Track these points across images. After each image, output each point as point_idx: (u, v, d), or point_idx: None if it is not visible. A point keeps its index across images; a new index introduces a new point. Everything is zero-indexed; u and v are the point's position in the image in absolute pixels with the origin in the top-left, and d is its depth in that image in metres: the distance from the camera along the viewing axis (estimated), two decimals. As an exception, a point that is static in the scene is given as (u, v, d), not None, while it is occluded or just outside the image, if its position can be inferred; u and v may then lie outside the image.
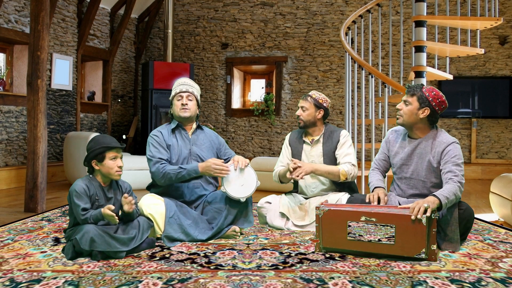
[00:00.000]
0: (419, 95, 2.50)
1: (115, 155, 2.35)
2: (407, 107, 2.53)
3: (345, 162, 2.87)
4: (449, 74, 4.82)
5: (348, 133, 3.02)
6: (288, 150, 3.09)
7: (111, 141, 2.37)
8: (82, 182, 2.32)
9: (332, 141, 2.97)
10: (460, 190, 2.34)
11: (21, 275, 1.95)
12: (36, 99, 3.59)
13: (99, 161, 2.33)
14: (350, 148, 2.94)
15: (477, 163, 7.00)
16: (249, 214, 2.70)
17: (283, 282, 1.86)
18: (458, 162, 2.41)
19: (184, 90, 2.77)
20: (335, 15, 7.44)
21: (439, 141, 2.50)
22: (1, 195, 4.49)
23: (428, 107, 2.49)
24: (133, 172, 4.87)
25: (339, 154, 2.92)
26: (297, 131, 3.14)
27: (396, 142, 2.70)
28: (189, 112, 2.76)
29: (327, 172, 2.84)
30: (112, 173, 2.35)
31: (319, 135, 3.00)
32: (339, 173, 2.82)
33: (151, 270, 2.01)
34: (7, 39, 5.28)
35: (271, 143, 7.62)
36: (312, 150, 2.99)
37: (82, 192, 2.26)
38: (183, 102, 2.75)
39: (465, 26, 4.88)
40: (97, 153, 2.32)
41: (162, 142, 2.72)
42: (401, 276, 1.94)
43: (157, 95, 6.74)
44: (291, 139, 3.11)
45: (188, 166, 2.63)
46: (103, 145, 2.33)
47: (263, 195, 3.21)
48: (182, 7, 7.86)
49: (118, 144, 2.38)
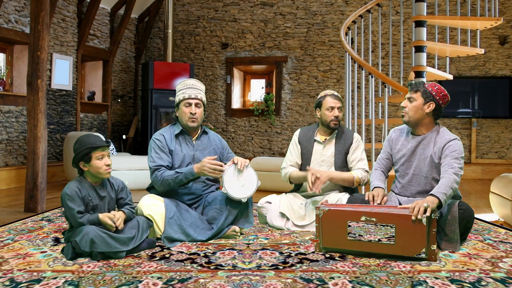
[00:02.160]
0: (422, 91, 2.54)
1: (101, 154, 2.32)
2: (412, 104, 2.55)
3: (359, 168, 2.90)
4: (449, 74, 4.81)
5: (360, 136, 3.04)
6: (298, 148, 3.06)
7: (95, 140, 2.32)
8: (73, 184, 2.30)
9: (344, 142, 2.97)
10: (456, 181, 2.35)
11: (21, 275, 1.95)
12: (36, 99, 3.58)
13: (86, 162, 2.30)
14: (363, 154, 2.97)
15: (477, 163, 6.99)
16: (250, 214, 2.70)
17: (283, 282, 1.86)
18: (457, 156, 2.43)
19: (193, 97, 2.70)
20: (335, 15, 7.44)
21: (441, 137, 2.53)
22: (1, 195, 4.49)
23: (433, 101, 2.53)
24: (133, 172, 4.87)
25: (352, 159, 2.94)
26: (307, 128, 3.11)
27: (399, 140, 2.71)
28: (197, 122, 2.71)
29: (342, 180, 2.86)
30: (101, 172, 2.33)
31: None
32: (353, 180, 2.85)
33: (151, 270, 2.01)
34: (7, 39, 5.28)
35: (271, 143, 7.62)
36: (324, 150, 2.99)
37: (74, 194, 2.25)
38: (192, 110, 2.68)
39: (465, 26, 4.88)
40: (83, 154, 2.28)
41: (164, 147, 2.69)
42: (401, 276, 1.94)
43: (157, 95, 6.74)
44: (301, 137, 3.08)
45: (184, 170, 2.60)
46: (88, 146, 2.28)
47: (263, 195, 3.21)
48: (182, 7, 7.86)
49: (103, 143, 2.33)
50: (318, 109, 3.01)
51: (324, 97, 2.98)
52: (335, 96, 2.97)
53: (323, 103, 2.96)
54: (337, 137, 2.99)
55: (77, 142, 2.33)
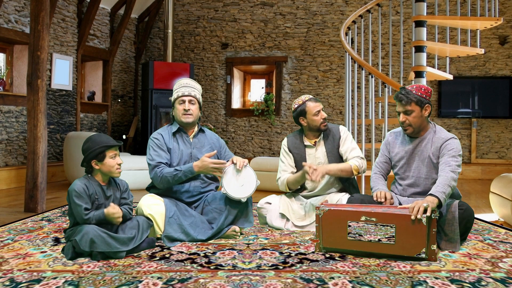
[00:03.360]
0: (416, 100, 2.51)
1: (114, 153, 2.36)
2: (411, 116, 2.53)
3: (353, 156, 2.88)
4: (449, 74, 4.82)
5: (345, 127, 3.02)
6: (290, 156, 3.01)
7: (108, 140, 2.36)
8: (81, 181, 2.31)
9: (333, 139, 2.96)
10: (453, 179, 2.35)
11: (21, 275, 1.95)
12: (36, 99, 3.58)
13: (100, 160, 2.33)
14: (353, 142, 2.95)
15: (477, 163, 6.99)
16: (249, 214, 2.70)
17: (283, 282, 1.86)
18: (454, 154, 2.44)
19: (187, 94, 2.74)
20: (335, 15, 7.44)
21: (438, 137, 2.54)
22: (1, 195, 4.49)
23: (427, 103, 2.53)
24: (133, 172, 4.87)
25: (344, 150, 2.92)
26: (292, 136, 3.07)
27: (396, 143, 2.71)
28: (191, 118, 2.74)
29: (340, 170, 2.83)
30: (113, 171, 2.36)
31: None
32: (351, 169, 2.82)
33: (151, 270, 2.01)
34: (7, 39, 5.28)
35: (271, 143, 7.62)
36: (317, 152, 2.97)
37: (81, 191, 2.26)
38: (186, 107, 2.72)
39: (465, 26, 4.88)
40: (97, 153, 2.31)
41: (163, 145, 2.71)
42: (401, 276, 1.94)
43: (157, 95, 6.74)
44: (290, 145, 3.03)
45: (183, 167, 2.62)
46: (103, 145, 2.32)
47: (263, 195, 3.21)
48: (182, 7, 7.86)
49: (116, 142, 2.37)
50: (302, 117, 2.93)
51: (305, 104, 2.91)
52: (314, 99, 2.94)
53: (307, 110, 2.90)
54: (325, 136, 2.98)
55: (88, 141, 2.35)
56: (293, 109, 2.98)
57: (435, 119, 7.11)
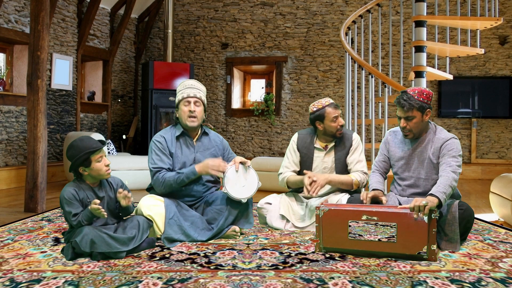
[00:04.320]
0: (418, 106, 2.49)
1: (100, 156, 2.29)
2: (412, 121, 2.51)
3: (357, 170, 2.86)
4: (449, 74, 4.81)
5: (359, 137, 2.97)
6: (297, 155, 2.97)
7: (91, 143, 2.27)
8: (71, 187, 2.27)
9: (344, 145, 2.92)
10: (454, 179, 2.35)
11: (21, 275, 1.95)
12: (36, 99, 3.58)
13: (86, 166, 2.27)
14: (362, 155, 2.91)
15: (477, 163, 6.99)
16: (250, 215, 2.69)
17: (283, 282, 1.86)
18: (454, 154, 2.44)
19: (192, 95, 2.69)
20: (335, 15, 7.44)
21: (438, 137, 2.54)
22: (1, 195, 4.49)
23: (428, 108, 2.52)
24: (133, 172, 4.87)
25: (351, 161, 2.89)
26: (305, 134, 3.01)
27: (395, 143, 2.71)
28: (196, 122, 2.69)
29: (341, 183, 2.83)
30: (102, 173, 2.31)
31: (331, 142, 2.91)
32: (352, 183, 2.82)
33: (151, 270, 2.01)
34: (7, 39, 5.28)
35: (271, 143, 7.62)
36: (326, 157, 2.94)
37: (71, 198, 2.23)
38: (191, 109, 2.66)
39: (465, 26, 4.88)
40: (83, 160, 2.24)
41: (165, 149, 2.67)
42: (401, 276, 1.94)
43: (157, 95, 6.74)
44: (300, 143, 2.98)
45: (185, 170, 2.60)
46: (86, 151, 2.24)
47: (263, 195, 3.21)
48: (182, 7, 7.86)
49: (99, 144, 2.29)
50: (319, 121, 2.87)
51: (324, 109, 2.84)
52: (335, 105, 2.87)
53: (325, 115, 2.83)
54: (337, 143, 2.94)
55: (71, 148, 2.27)
56: (311, 111, 2.91)
57: (435, 119, 7.11)
